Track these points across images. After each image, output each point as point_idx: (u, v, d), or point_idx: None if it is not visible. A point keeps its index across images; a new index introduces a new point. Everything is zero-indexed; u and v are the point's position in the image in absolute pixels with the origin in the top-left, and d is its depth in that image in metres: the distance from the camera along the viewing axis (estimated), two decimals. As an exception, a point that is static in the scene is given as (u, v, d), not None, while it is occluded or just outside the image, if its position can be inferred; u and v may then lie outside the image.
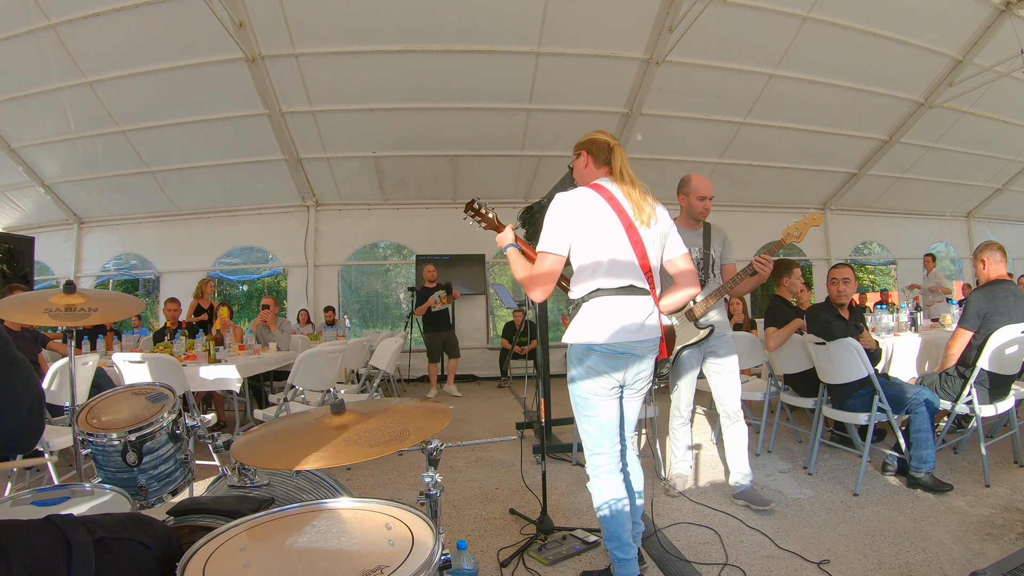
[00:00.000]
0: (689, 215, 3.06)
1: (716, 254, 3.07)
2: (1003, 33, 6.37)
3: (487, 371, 8.64)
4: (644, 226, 2.01)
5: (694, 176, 3.07)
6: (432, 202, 8.85)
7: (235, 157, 7.65)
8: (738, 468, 3.00)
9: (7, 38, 5.72)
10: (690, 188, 3.03)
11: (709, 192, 3.02)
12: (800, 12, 6.05)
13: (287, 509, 1.20)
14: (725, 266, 3.09)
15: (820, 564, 2.30)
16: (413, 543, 1.02)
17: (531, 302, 2.77)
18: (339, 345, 4.24)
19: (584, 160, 2.15)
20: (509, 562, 2.43)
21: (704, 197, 3.00)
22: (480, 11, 5.82)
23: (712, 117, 7.45)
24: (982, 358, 3.17)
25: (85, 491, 1.66)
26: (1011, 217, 11.12)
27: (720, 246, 3.09)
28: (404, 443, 1.16)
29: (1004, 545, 2.41)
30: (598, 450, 2.09)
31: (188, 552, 1.00)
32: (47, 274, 8.65)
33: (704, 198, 3.00)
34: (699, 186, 3.02)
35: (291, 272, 8.86)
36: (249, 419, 4.79)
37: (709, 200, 3.01)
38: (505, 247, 2.17)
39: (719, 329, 2.98)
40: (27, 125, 6.97)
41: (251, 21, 5.71)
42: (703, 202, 3.00)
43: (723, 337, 3.03)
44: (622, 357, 1.99)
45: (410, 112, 7.10)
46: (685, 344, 2.96)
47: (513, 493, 3.32)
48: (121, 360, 3.89)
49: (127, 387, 2.20)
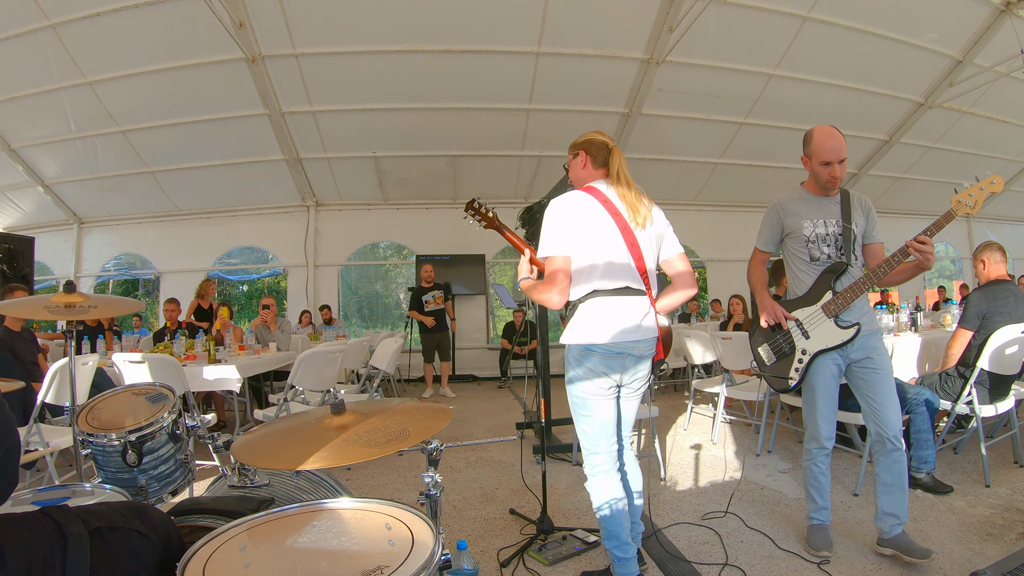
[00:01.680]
0: (816, 181, 2.39)
1: (859, 229, 2.38)
2: (1003, 33, 6.38)
3: (487, 371, 8.64)
4: (640, 228, 2.02)
5: (817, 131, 2.34)
6: (432, 202, 8.85)
7: (235, 157, 7.66)
8: (891, 508, 2.30)
9: (7, 38, 5.73)
10: (811, 149, 2.35)
11: (836, 154, 2.28)
12: (800, 12, 6.05)
13: (287, 509, 1.20)
14: (869, 247, 2.40)
15: (820, 564, 2.30)
16: (413, 543, 1.02)
17: (531, 302, 2.76)
18: (339, 345, 4.24)
19: (582, 160, 2.15)
20: (509, 562, 2.43)
21: (828, 162, 2.29)
22: (480, 11, 5.82)
23: (712, 117, 7.45)
24: (982, 358, 3.17)
25: (85, 491, 1.66)
26: (1011, 217, 11.12)
27: (864, 219, 2.38)
28: (404, 443, 1.16)
29: (1004, 545, 2.41)
30: (596, 450, 2.09)
31: (188, 552, 1.00)
32: (47, 274, 8.65)
33: (828, 163, 2.29)
34: (821, 146, 2.30)
35: (291, 272, 8.87)
36: (249, 419, 4.79)
37: (837, 165, 2.28)
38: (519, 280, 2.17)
39: (867, 327, 2.33)
40: (27, 125, 6.98)
41: (251, 21, 5.71)
42: (828, 168, 2.29)
43: (873, 337, 2.35)
44: (619, 357, 2.00)
45: (410, 112, 7.10)
46: (823, 348, 2.35)
47: (513, 493, 3.32)
48: (121, 360, 3.89)
49: (127, 387, 2.20)
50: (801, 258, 2.41)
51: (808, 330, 2.39)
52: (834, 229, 2.36)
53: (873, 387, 2.32)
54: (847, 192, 2.41)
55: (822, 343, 2.34)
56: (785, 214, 2.45)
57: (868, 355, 2.33)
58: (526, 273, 2.17)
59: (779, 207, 2.47)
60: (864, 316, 2.33)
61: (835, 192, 2.40)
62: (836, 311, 2.31)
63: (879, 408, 2.30)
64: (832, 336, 2.33)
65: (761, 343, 2.59)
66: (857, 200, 2.41)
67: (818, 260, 2.37)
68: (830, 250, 2.36)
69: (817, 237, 2.37)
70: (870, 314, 2.36)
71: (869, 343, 2.34)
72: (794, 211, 2.42)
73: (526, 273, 2.17)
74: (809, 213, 2.39)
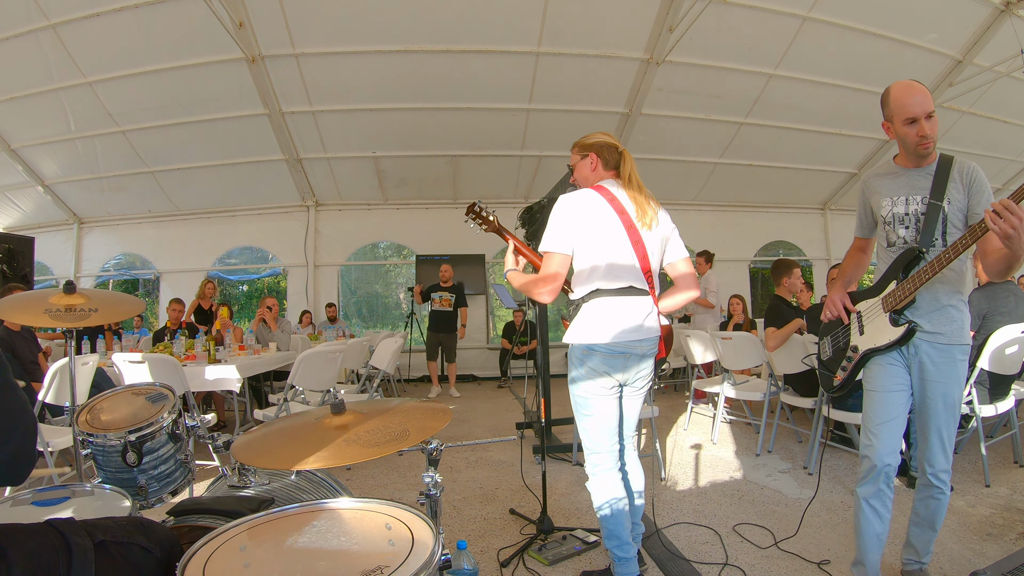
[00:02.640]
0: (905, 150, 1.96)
1: (954, 206, 1.88)
2: (1003, 33, 6.37)
3: (487, 371, 8.64)
4: (646, 228, 2.03)
5: (894, 87, 1.91)
6: (432, 202, 8.85)
7: (235, 157, 7.65)
8: (916, 542, 2.08)
9: (7, 38, 5.72)
10: (890, 110, 1.92)
11: (922, 107, 1.84)
12: (800, 12, 6.04)
13: (287, 509, 1.20)
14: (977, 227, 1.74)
15: (820, 564, 2.30)
16: (413, 543, 1.02)
17: (530, 302, 2.76)
18: (339, 345, 4.24)
19: (592, 162, 2.15)
20: (509, 562, 2.43)
21: (913, 119, 1.85)
22: (480, 11, 5.82)
23: (712, 117, 7.45)
24: (982, 358, 3.17)
25: (85, 491, 1.66)
26: (1011, 217, 11.12)
27: (963, 193, 1.88)
28: (404, 443, 1.16)
29: (1004, 545, 2.41)
30: (597, 449, 2.10)
31: (188, 552, 1.00)
32: (47, 274, 8.65)
33: (914, 120, 1.85)
34: (901, 102, 1.87)
35: (291, 272, 8.86)
36: (249, 419, 4.78)
37: (925, 122, 1.84)
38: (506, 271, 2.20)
39: (931, 331, 1.90)
40: (27, 125, 6.97)
41: (251, 21, 5.71)
42: (914, 127, 1.85)
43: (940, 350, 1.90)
44: (622, 357, 2.00)
45: (410, 112, 7.10)
46: (872, 347, 2.00)
47: (513, 493, 3.32)
48: (121, 360, 3.89)
49: (127, 387, 2.19)
50: (881, 243, 2.08)
51: (864, 324, 2.05)
52: (916, 207, 1.93)
53: (921, 411, 1.94)
54: (948, 159, 1.92)
55: (872, 341, 2.01)
56: (869, 192, 2.10)
57: (928, 371, 1.91)
58: (511, 265, 2.19)
59: (864, 185, 2.14)
60: (930, 317, 1.91)
61: (930, 160, 1.93)
62: (893, 304, 1.93)
63: (922, 440, 1.96)
64: (882, 334, 1.97)
65: (825, 334, 2.29)
66: (959, 169, 1.90)
67: (894, 245, 2.00)
68: (907, 232, 1.96)
69: (894, 217, 1.99)
70: (941, 316, 1.90)
71: (934, 355, 1.90)
72: (876, 188, 2.06)
73: (511, 265, 2.19)
74: (891, 189, 2.00)
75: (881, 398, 1.97)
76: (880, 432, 1.94)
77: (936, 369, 1.90)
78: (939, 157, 1.93)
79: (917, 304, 1.92)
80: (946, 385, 1.90)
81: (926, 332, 1.91)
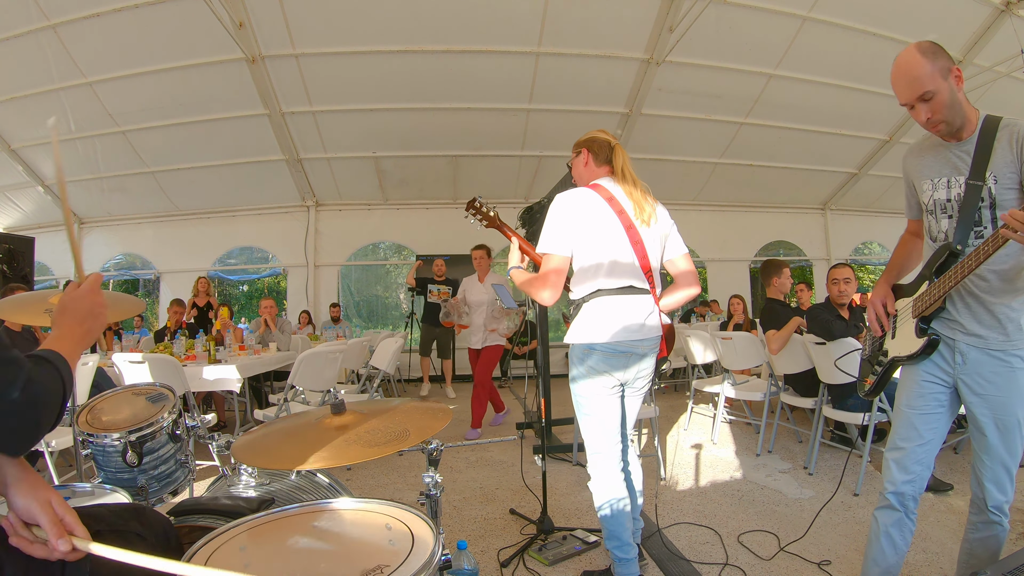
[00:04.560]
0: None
1: (1004, 183, 1.52)
2: (1003, 33, 6.37)
3: (487, 371, 8.63)
4: (644, 226, 2.02)
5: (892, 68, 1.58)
6: (432, 202, 8.85)
7: (235, 157, 7.65)
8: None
9: (7, 38, 5.72)
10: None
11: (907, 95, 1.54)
12: (800, 12, 6.04)
13: (287, 509, 1.20)
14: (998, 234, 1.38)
15: (820, 564, 2.30)
16: (413, 543, 1.02)
17: (531, 302, 2.76)
18: (339, 345, 4.24)
19: (584, 158, 2.15)
20: (509, 562, 2.43)
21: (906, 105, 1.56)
22: (480, 11, 5.82)
23: (712, 117, 7.45)
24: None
25: (85, 491, 1.66)
26: (1011, 217, 11.12)
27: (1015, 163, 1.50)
28: (404, 443, 1.16)
29: (1004, 545, 2.41)
30: (599, 449, 2.09)
31: (188, 552, 1.00)
32: (47, 274, 8.65)
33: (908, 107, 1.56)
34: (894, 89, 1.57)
35: (291, 272, 8.87)
36: (249, 419, 4.78)
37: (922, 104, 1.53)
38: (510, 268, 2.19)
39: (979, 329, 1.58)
40: (27, 125, 6.96)
41: (251, 21, 5.71)
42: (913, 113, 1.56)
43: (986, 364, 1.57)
44: (623, 356, 2.00)
45: (410, 112, 7.10)
46: (897, 355, 1.74)
47: (513, 493, 3.32)
48: (121, 360, 3.89)
49: (127, 387, 2.20)
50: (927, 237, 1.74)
51: (898, 327, 1.77)
52: (958, 191, 1.57)
53: (973, 432, 1.64)
54: (992, 124, 1.52)
55: (900, 348, 1.74)
56: (911, 173, 1.76)
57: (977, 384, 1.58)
58: (516, 261, 2.18)
59: (904, 164, 1.79)
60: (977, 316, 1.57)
61: (970, 130, 1.55)
62: (921, 310, 1.64)
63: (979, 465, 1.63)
64: (909, 342, 1.69)
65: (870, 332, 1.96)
66: (1008, 133, 1.50)
67: (936, 239, 1.67)
68: (950, 224, 1.61)
69: (936, 205, 1.65)
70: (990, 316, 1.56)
71: (983, 364, 1.57)
72: (917, 168, 1.73)
73: (516, 261, 2.18)
74: (932, 169, 1.66)
75: (905, 417, 1.71)
76: (898, 455, 1.70)
77: (986, 381, 1.57)
78: (982, 123, 1.55)
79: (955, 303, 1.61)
80: (1000, 401, 1.55)
81: (970, 335, 1.58)
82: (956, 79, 1.53)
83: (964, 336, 1.60)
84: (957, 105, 1.54)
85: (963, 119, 1.56)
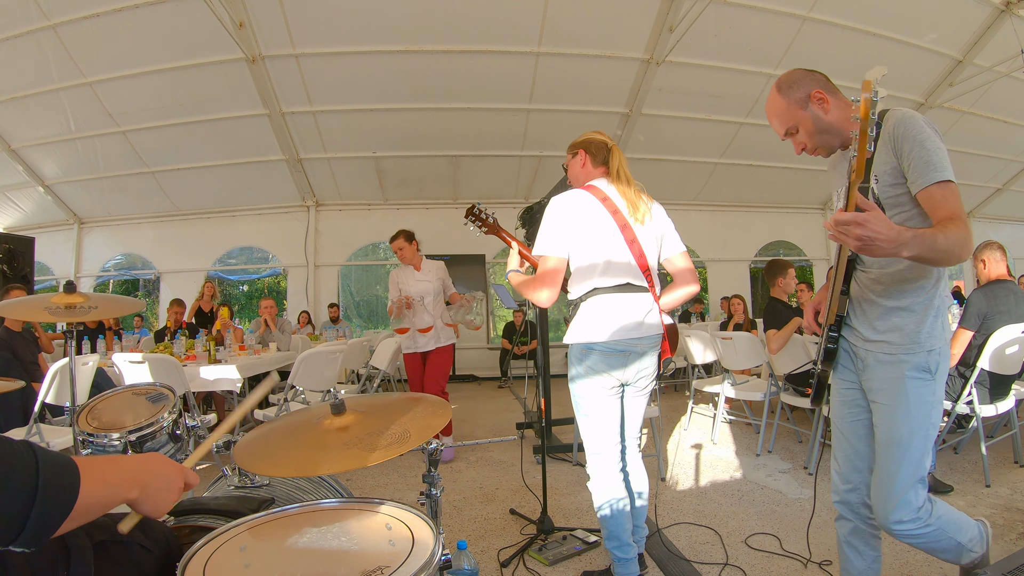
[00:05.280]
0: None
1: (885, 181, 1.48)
2: (1003, 33, 6.37)
3: (487, 371, 8.64)
4: (639, 224, 2.02)
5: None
6: (432, 202, 8.86)
7: (235, 157, 7.66)
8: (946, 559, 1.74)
9: (7, 38, 5.73)
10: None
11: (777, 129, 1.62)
12: (800, 12, 6.05)
13: (287, 509, 1.20)
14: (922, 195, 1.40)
15: (821, 564, 2.30)
16: (413, 543, 1.02)
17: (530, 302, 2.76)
18: (339, 345, 4.24)
19: (581, 159, 2.16)
20: (509, 562, 2.43)
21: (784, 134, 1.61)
22: (480, 11, 5.82)
23: (712, 117, 7.45)
24: (982, 358, 3.17)
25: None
26: (1011, 217, 11.11)
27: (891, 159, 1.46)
28: (405, 446, 1.16)
29: (1004, 545, 2.41)
30: (598, 449, 2.09)
31: (188, 552, 1.00)
32: (47, 274, 8.65)
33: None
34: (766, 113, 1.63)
35: (291, 272, 8.87)
36: (249, 419, 4.78)
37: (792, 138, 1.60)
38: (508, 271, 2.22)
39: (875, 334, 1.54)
40: (27, 125, 6.97)
41: (251, 21, 5.71)
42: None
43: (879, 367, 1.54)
44: (622, 355, 1.99)
45: (410, 112, 7.10)
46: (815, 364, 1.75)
47: (513, 493, 3.32)
48: (121, 360, 3.89)
49: (127, 387, 2.19)
50: None
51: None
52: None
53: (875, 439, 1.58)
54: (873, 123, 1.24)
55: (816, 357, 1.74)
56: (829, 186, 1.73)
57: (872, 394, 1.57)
58: (515, 265, 2.21)
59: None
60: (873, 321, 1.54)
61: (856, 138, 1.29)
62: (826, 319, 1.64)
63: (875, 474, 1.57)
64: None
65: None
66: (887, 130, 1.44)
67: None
68: None
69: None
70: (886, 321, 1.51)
71: (876, 372, 1.53)
72: (829, 181, 1.71)
73: (515, 265, 2.21)
74: (836, 181, 1.65)
75: (835, 426, 1.71)
76: (836, 466, 1.71)
77: (878, 388, 1.53)
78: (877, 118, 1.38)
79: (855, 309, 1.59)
80: (888, 410, 1.50)
81: (867, 341, 1.55)
82: (819, 103, 1.54)
83: (863, 343, 1.58)
84: (829, 127, 1.54)
85: (841, 137, 1.56)
